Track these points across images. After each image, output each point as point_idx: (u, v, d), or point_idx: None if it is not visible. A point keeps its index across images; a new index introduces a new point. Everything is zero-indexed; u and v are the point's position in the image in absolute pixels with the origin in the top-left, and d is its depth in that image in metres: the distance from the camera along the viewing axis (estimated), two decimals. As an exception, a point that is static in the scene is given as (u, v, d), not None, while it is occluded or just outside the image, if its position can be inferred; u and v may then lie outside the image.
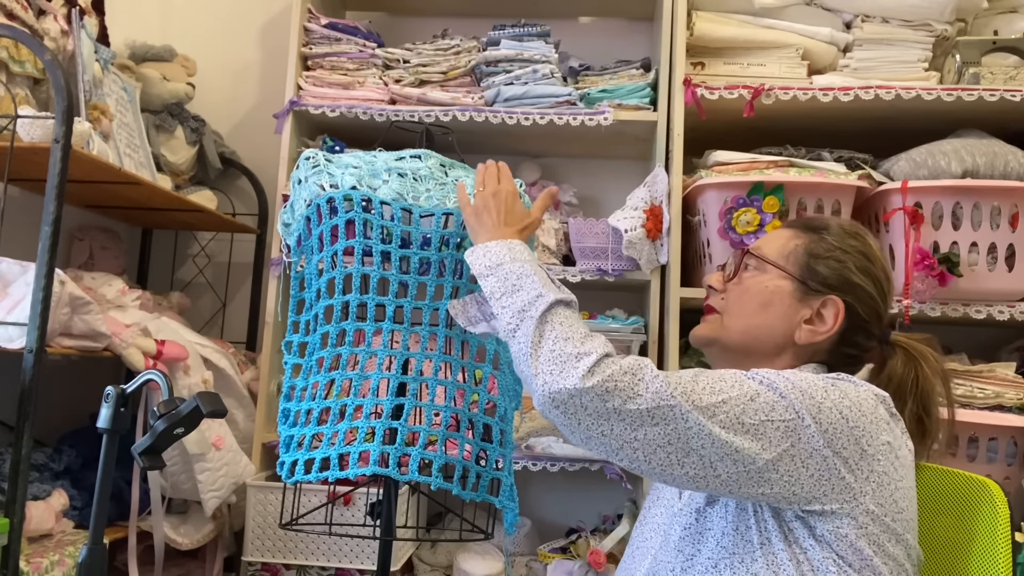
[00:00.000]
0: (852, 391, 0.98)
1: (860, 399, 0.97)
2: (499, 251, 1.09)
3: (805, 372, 1.04)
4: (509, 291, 1.03)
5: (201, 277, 2.46)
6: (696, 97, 1.95)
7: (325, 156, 1.24)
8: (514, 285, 1.04)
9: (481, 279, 1.08)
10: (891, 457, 0.97)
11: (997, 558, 1.09)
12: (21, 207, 1.85)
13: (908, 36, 1.99)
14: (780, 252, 1.16)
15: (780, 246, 1.17)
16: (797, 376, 0.97)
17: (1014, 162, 1.78)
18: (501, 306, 1.04)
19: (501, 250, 1.09)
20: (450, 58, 2.13)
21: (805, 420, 0.92)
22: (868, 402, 0.98)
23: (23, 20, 1.67)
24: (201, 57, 2.33)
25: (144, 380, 1.08)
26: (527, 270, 1.05)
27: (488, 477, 1.18)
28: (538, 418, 1.93)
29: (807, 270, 1.13)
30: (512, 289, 1.03)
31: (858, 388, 0.99)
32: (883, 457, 0.96)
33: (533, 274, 1.04)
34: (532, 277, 1.04)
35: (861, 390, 0.99)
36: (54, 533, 1.61)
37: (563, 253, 2.10)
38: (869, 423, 0.96)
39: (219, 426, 1.82)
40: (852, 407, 0.95)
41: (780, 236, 1.18)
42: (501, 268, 1.06)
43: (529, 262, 1.07)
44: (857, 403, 0.96)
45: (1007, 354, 2.01)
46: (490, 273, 1.07)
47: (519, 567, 2.02)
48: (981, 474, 1.17)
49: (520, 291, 1.03)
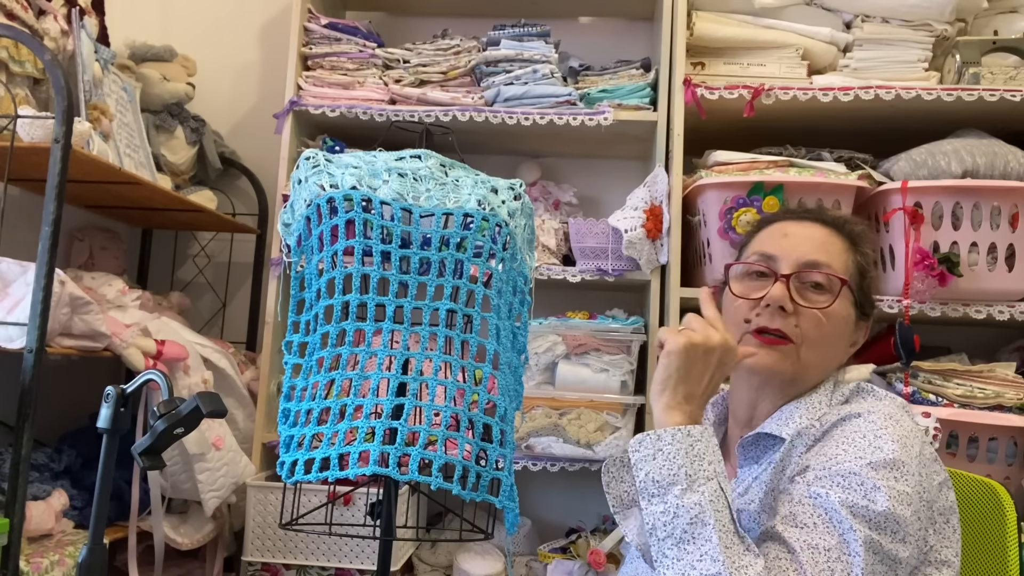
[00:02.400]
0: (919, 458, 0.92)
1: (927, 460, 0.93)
2: (675, 455, 0.88)
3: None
4: (678, 540, 0.85)
5: (201, 277, 2.46)
6: (696, 97, 1.95)
7: (325, 156, 1.24)
8: (685, 535, 0.85)
9: (643, 497, 0.90)
10: (950, 495, 0.97)
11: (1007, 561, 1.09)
12: (21, 207, 1.85)
13: (908, 36, 1.99)
14: (846, 271, 1.06)
15: (843, 263, 1.06)
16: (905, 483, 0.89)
17: (1014, 162, 1.78)
18: (663, 552, 0.87)
19: (678, 454, 0.88)
20: (450, 58, 2.13)
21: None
22: (929, 460, 0.94)
23: (23, 20, 1.67)
24: (201, 57, 2.33)
25: (144, 380, 1.07)
26: (705, 512, 0.85)
27: (489, 477, 1.18)
28: (538, 418, 1.93)
29: (862, 293, 1.07)
30: (682, 539, 0.85)
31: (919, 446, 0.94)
32: (948, 506, 0.96)
33: (712, 523, 0.84)
34: (712, 527, 0.84)
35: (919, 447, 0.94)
36: (54, 533, 1.61)
37: (563, 253, 2.10)
38: (935, 487, 0.94)
39: (219, 426, 1.82)
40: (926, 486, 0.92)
41: (836, 247, 1.07)
42: (670, 494, 0.87)
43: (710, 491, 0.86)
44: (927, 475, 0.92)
45: (1007, 354, 2.01)
46: (656, 493, 0.88)
47: (519, 567, 2.02)
48: (981, 474, 1.17)
49: (691, 546, 0.84)
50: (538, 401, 1.95)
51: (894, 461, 0.89)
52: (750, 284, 1.08)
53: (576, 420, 1.92)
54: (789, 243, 1.08)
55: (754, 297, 1.05)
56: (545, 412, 1.93)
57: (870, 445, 0.90)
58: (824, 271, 1.04)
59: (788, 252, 1.06)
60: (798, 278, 1.04)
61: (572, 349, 1.99)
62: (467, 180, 1.23)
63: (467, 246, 1.18)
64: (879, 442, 0.90)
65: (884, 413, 0.94)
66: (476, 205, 1.19)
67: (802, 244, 1.07)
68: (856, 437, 0.92)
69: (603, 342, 1.98)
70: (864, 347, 1.97)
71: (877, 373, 1.82)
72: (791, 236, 1.09)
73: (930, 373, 1.77)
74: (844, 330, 1.06)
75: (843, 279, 1.04)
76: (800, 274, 1.04)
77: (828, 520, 0.86)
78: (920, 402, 1.73)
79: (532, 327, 1.98)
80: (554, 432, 1.93)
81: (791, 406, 1.04)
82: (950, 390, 1.75)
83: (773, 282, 1.04)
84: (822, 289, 1.04)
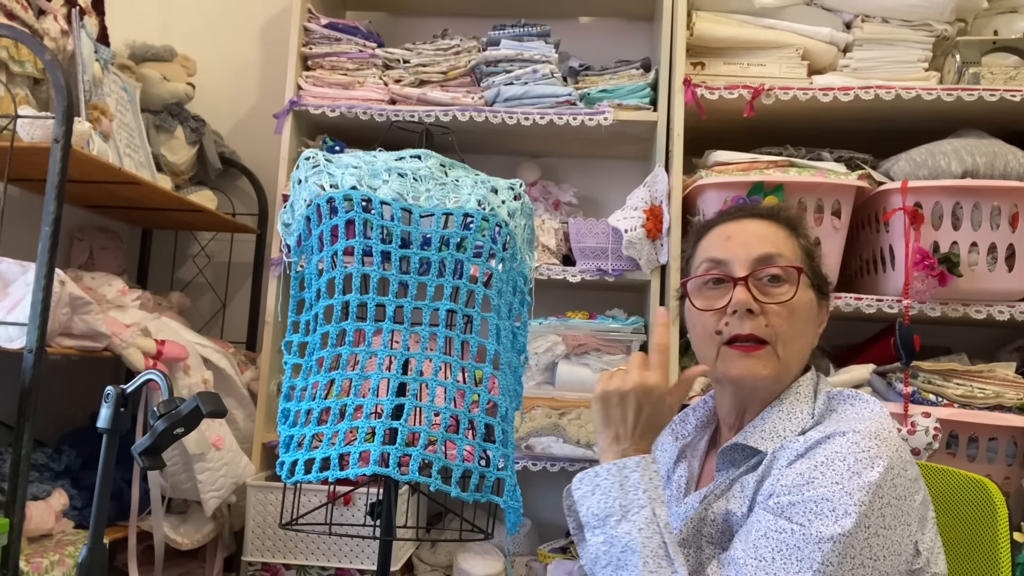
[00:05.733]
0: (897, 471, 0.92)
1: (904, 466, 0.92)
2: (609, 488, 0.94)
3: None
4: (615, 568, 0.91)
5: (201, 277, 2.46)
6: (696, 97, 1.95)
7: (325, 156, 1.24)
8: (619, 562, 0.91)
9: (587, 529, 0.95)
10: (925, 495, 0.96)
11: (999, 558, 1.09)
12: (21, 207, 1.85)
13: (908, 36, 1.99)
14: (796, 257, 1.06)
15: (792, 251, 1.06)
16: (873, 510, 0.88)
17: (1014, 162, 1.78)
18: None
19: (612, 488, 0.94)
20: (450, 58, 2.13)
21: None
22: (912, 479, 0.93)
23: (23, 20, 1.67)
24: (201, 57, 2.33)
25: (144, 380, 1.07)
26: (635, 540, 0.90)
27: (492, 478, 1.18)
28: (538, 418, 1.93)
29: (816, 275, 1.07)
30: (617, 566, 0.91)
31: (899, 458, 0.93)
32: (925, 506, 0.96)
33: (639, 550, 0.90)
34: (638, 554, 0.89)
35: (898, 456, 0.93)
36: (54, 533, 1.61)
37: (563, 253, 2.10)
38: (916, 506, 0.93)
39: (219, 426, 1.82)
40: (905, 509, 0.91)
41: (779, 236, 1.07)
42: (607, 525, 0.93)
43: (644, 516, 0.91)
44: (903, 483, 0.91)
45: (1007, 354, 2.01)
46: (596, 525, 0.94)
47: (519, 567, 2.02)
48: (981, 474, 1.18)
49: (624, 572, 0.90)
50: (538, 401, 1.95)
51: (872, 484, 0.88)
52: (709, 294, 1.07)
53: (576, 420, 1.92)
54: (735, 244, 1.06)
55: (719, 307, 1.04)
56: (545, 412, 1.93)
57: (849, 469, 0.89)
58: (778, 263, 1.03)
59: (737, 253, 1.05)
60: (755, 276, 1.03)
61: (572, 349, 1.99)
62: (467, 180, 1.23)
63: (467, 246, 1.18)
64: (859, 466, 0.89)
65: (867, 432, 0.92)
66: (476, 205, 1.19)
67: (748, 242, 1.06)
68: (836, 459, 0.91)
69: (603, 342, 1.98)
70: (864, 347, 2.00)
71: (877, 373, 1.82)
72: (734, 237, 1.07)
73: (930, 373, 1.77)
74: (811, 316, 1.05)
75: (798, 267, 1.04)
76: (756, 272, 1.03)
77: (788, 557, 0.87)
78: (920, 402, 1.73)
79: (532, 327, 1.98)
80: (554, 432, 1.93)
81: (773, 413, 1.02)
82: (950, 390, 1.75)
83: (732, 287, 1.03)
84: (780, 281, 1.03)
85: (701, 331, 1.07)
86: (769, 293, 1.03)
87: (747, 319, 1.01)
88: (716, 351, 1.04)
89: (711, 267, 1.07)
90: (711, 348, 1.05)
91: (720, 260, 1.06)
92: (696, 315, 1.08)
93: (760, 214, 1.10)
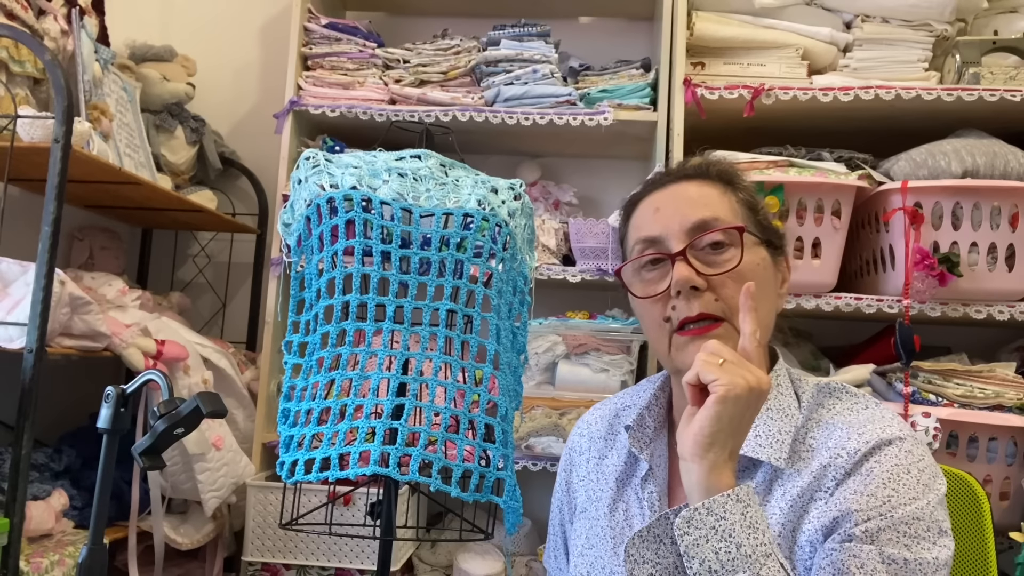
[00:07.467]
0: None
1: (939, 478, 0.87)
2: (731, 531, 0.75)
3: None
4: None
5: (201, 277, 2.46)
6: (696, 97, 1.95)
7: (325, 156, 1.24)
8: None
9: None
10: None
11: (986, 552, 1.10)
12: (21, 207, 1.85)
13: (908, 36, 1.99)
14: (736, 215, 0.94)
15: (729, 208, 0.94)
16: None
17: (1014, 162, 1.78)
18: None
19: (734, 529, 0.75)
20: (450, 58, 2.13)
21: None
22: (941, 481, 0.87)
23: (23, 20, 1.67)
24: (201, 57, 2.33)
25: (144, 380, 1.07)
26: None
27: (492, 478, 1.18)
28: (538, 418, 1.93)
29: (763, 230, 0.96)
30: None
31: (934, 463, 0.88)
32: None
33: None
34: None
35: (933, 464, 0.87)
36: (54, 533, 1.61)
37: (563, 253, 2.10)
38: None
39: (219, 426, 1.82)
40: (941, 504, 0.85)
41: (712, 196, 0.95)
42: None
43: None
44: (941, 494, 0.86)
45: (1007, 354, 2.01)
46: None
47: (519, 567, 2.02)
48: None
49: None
50: (538, 401, 1.95)
51: (943, 496, 0.85)
52: (649, 277, 0.96)
53: (576, 420, 1.92)
54: (665, 215, 0.95)
55: (661, 291, 0.93)
56: (545, 412, 1.93)
57: (919, 483, 0.83)
58: (716, 227, 0.91)
59: (668, 225, 0.94)
60: (693, 247, 0.91)
61: (572, 349, 1.99)
62: (467, 180, 1.23)
63: (467, 246, 1.18)
64: (924, 477, 0.83)
65: (910, 437, 0.86)
66: (476, 205, 1.19)
67: (679, 209, 0.94)
68: (900, 472, 0.83)
69: (603, 342, 1.98)
70: (864, 347, 2.00)
71: (877, 373, 1.82)
72: (663, 207, 0.96)
73: (930, 373, 1.77)
74: (767, 277, 0.94)
75: (739, 227, 0.92)
76: (693, 242, 0.91)
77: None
78: (920, 402, 1.73)
79: (532, 327, 1.98)
80: (554, 432, 1.93)
81: (761, 413, 0.89)
82: (950, 390, 1.75)
83: (671, 265, 0.91)
84: (723, 247, 0.91)
85: (649, 322, 0.96)
86: (713, 263, 0.91)
87: (694, 298, 0.90)
88: (668, 341, 0.93)
89: (645, 247, 0.96)
90: (662, 339, 0.94)
91: (652, 238, 0.95)
92: (640, 305, 0.97)
93: (687, 175, 0.99)
